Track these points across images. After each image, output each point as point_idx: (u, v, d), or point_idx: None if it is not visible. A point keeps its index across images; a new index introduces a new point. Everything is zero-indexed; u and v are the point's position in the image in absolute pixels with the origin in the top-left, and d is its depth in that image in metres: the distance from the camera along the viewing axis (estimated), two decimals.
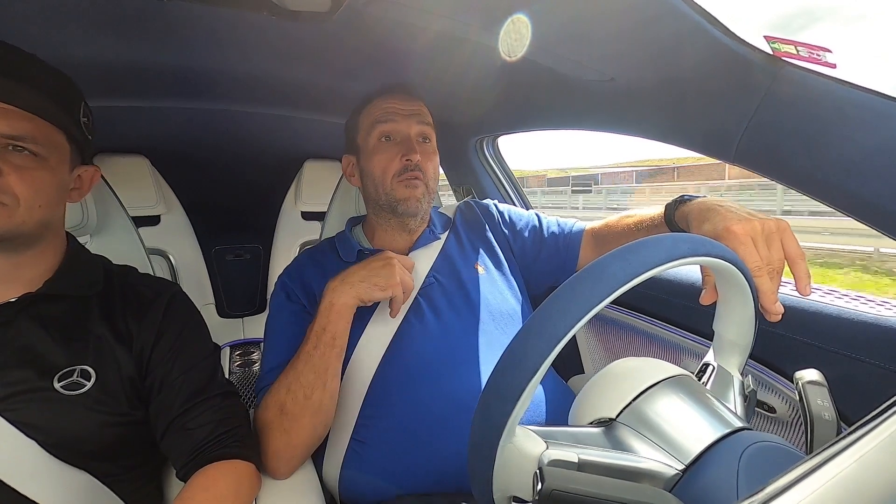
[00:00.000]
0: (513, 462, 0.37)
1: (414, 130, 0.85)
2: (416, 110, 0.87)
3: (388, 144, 0.85)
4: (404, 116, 0.85)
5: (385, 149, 0.85)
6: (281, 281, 0.86)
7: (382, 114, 0.85)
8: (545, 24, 0.67)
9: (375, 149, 0.86)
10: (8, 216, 0.57)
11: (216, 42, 0.85)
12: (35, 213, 0.59)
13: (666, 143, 0.83)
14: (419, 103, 0.88)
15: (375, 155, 0.85)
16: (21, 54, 0.60)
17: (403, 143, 0.84)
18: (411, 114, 0.86)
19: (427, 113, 0.89)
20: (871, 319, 0.63)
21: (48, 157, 0.60)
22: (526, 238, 0.94)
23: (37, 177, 0.59)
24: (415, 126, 0.85)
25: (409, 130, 0.85)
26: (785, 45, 0.59)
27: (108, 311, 0.67)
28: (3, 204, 0.56)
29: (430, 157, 0.87)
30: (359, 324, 0.79)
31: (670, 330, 0.93)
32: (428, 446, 0.70)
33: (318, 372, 0.69)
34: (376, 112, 0.86)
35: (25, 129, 0.57)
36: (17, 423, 0.57)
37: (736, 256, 0.44)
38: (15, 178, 0.56)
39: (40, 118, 0.59)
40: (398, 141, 0.85)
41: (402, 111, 0.85)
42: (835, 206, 0.60)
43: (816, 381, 0.43)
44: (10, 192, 0.57)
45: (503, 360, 0.36)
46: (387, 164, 0.84)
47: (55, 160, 0.61)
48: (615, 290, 0.35)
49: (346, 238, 0.91)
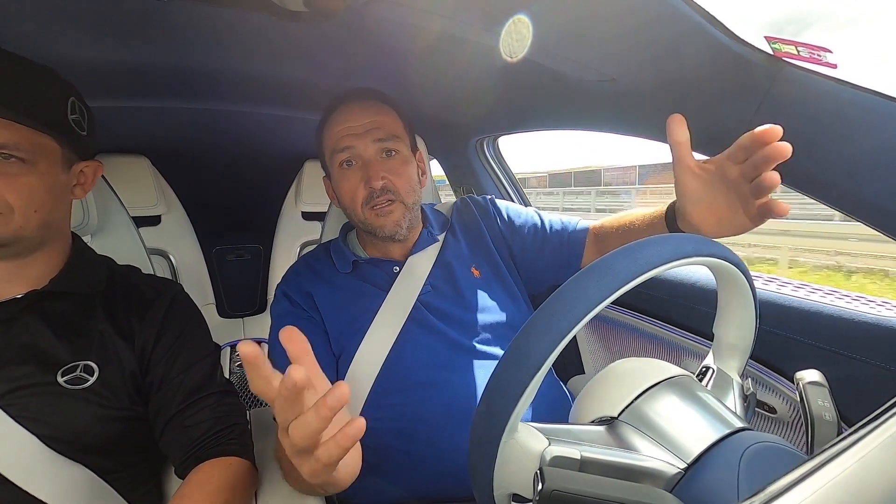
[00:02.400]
0: (514, 459, 0.37)
1: (371, 151, 0.79)
2: (372, 123, 0.79)
3: (350, 171, 0.80)
4: (359, 136, 0.78)
5: (348, 176, 0.80)
6: (280, 290, 0.85)
7: (337, 140, 0.79)
8: (546, 25, 0.67)
9: (340, 177, 0.81)
10: (4, 224, 0.57)
11: (216, 42, 0.85)
12: (31, 218, 0.59)
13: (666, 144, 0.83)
14: (377, 111, 0.81)
15: (341, 183, 0.81)
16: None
17: (364, 167, 0.79)
18: (366, 130, 0.78)
19: (389, 120, 0.81)
20: (871, 319, 0.63)
21: (36, 162, 0.59)
22: (526, 236, 0.92)
23: (26, 183, 0.58)
24: (371, 146, 0.79)
25: (366, 153, 0.79)
26: (785, 45, 0.59)
27: (112, 309, 0.68)
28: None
29: (400, 170, 0.80)
30: (359, 329, 0.79)
31: (670, 330, 0.93)
32: (427, 451, 0.70)
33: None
34: (333, 138, 0.80)
35: (6, 137, 0.56)
36: (19, 417, 0.58)
37: (738, 258, 0.44)
38: (4, 187, 0.56)
39: (21, 124, 0.57)
40: (360, 165, 0.79)
41: (356, 130, 0.78)
42: (835, 207, 0.60)
43: (817, 382, 0.43)
44: (2, 200, 0.57)
45: (508, 355, 0.36)
46: (353, 194, 0.79)
47: (44, 164, 0.60)
48: (620, 287, 0.35)
49: (340, 247, 0.88)
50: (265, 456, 0.74)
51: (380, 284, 0.83)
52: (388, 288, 0.82)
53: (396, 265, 0.85)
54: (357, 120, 0.79)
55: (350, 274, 0.85)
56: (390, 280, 0.83)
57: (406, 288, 0.82)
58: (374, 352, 0.77)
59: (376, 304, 0.80)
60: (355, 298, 0.82)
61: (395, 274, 0.84)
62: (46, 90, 0.62)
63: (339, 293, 0.83)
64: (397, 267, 0.85)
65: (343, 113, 0.81)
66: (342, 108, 0.82)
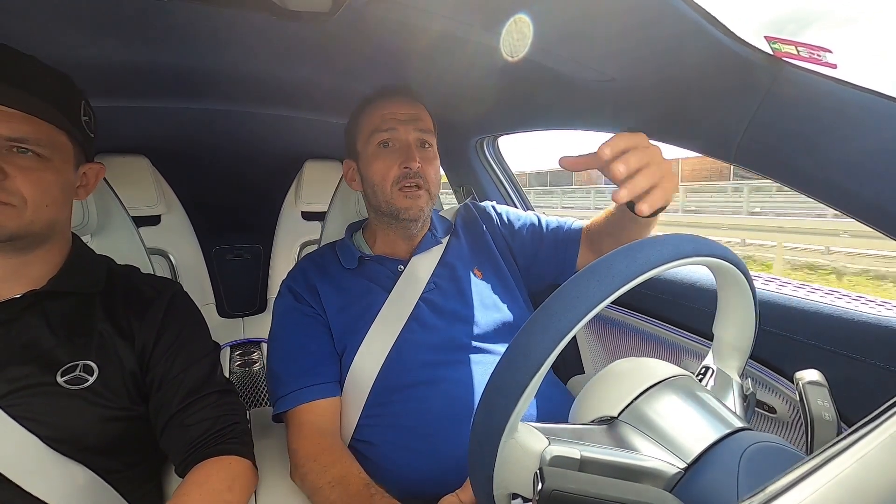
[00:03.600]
0: (514, 458, 0.37)
1: (412, 136, 0.84)
2: (415, 115, 0.85)
3: (386, 151, 0.84)
4: (402, 122, 0.83)
5: (384, 156, 0.84)
6: (286, 285, 0.87)
7: (381, 121, 0.84)
8: (546, 25, 0.67)
9: (374, 156, 0.84)
10: (17, 216, 0.58)
11: (217, 42, 0.85)
12: (43, 212, 0.61)
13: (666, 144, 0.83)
14: (418, 107, 0.87)
15: (374, 162, 0.84)
16: (20, 57, 0.61)
17: (402, 149, 0.83)
18: (410, 119, 0.84)
19: (427, 117, 0.88)
20: (871, 319, 0.63)
21: (52, 158, 0.61)
22: (525, 237, 0.94)
23: (42, 177, 0.60)
24: (413, 132, 0.84)
25: (407, 137, 0.83)
26: (785, 45, 0.59)
27: (111, 308, 0.68)
28: (11, 205, 0.58)
29: (431, 161, 0.86)
30: (361, 327, 0.79)
31: (670, 330, 0.93)
32: (429, 449, 0.70)
33: None
34: (375, 119, 0.85)
35: (27, 132, 0.58)
36: (20, 418, 0.58)
37: (737, 258, 0.44)
38: (21, 180, 0.58)
39: (41, 120, 0.59)
40: (397, 148, 0.84)
41: (400, 117, 0.84)
42: (835, 207, 0.59)
43: (816, 382, 0.43)
44: (18, 193, 0.58)
45: (508, 355, 0.36)
46: (385, 172, 0.83)
47: (59, 160, 0.62)
48: (619, 287, 0.35)
49: (347, 245, 0.90)
50: (265, 455, 0.74)
51: (383, 283, 0.84)
52: (391, 287, 0.83)
53: (401, 264, 0.87)
54: (401, 109, 0.85)
55: (355, 271, 0.86)
56: (394, 278, 0.85)
57: (409, 286, 0.83)
58: (377, 349, 0.78)
59: (379, 303, 0.81)
60: (359, 297, 0.83)
61: (398, 272, 0.85)
62: (65, 90, 0.64)
63: (343, 291, 0.84)
64: (401, 266, 0.86)
65: (386, 101, 0.86)
66: (384, 98, 0.87)
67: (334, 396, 0.77)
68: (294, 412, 0.75)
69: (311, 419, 0.74)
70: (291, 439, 0.73)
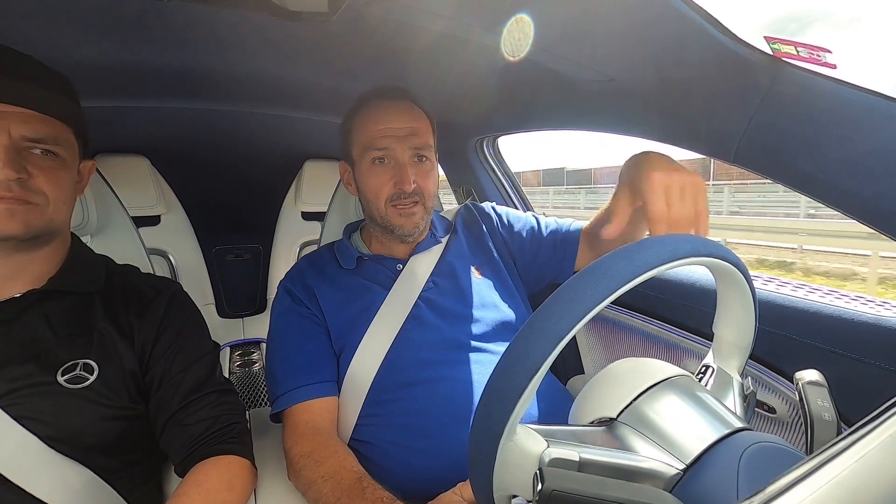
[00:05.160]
0: (513, 460, 0.37)
1: (407, 156, 0.81)
2: (412, 129, 0.81)
3: (381, 168, 0.81)
4: (398, 140, 0.80)
5: (378, 172, 0.81)
6: (283, 286, 0.86)
7: (375, 137, 0.80)
8: (546, 25, 0.67)
9: (369, 171, 0.82)
10: (41, 214, 0.60)
11: (216, 42, 0.85)
12: (61, 209, 0.63)
13: (666, 144, 0.83)
14: (416, 115, 0.83)
15: (369, 178, 0.82)
16: (26, 59, 0.61)
17: (397, 168, 0.80)
18: (406, 134, 0.80)
19: (424, 126, 0.84)
20: (871, 319, 0.63)
21: (65, 156, 0.63)
22: (524, 238, 0.95)
23: (60, 176, 0.62)
24: (408, 151, 0.81)
25: (402, 157, 0.80)
26: (785, 45, 0.59)
27: (111, 307, 0.68)
28: (35, 204, 0.60)
29: (428, 174, 0.83)
30: (360, 326, 0.79)
31: (670, 330, 0.93)
32: (427, 447, 0.70)
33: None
34: (370, 132, 0.81)
35: (45, 132, 0.60)
36: (20, 417, 0.58)
37: (737, 258, 0.44)
38: (43, 179, 0.60)
39: (56, 119, 0.61)
40: (391, 166, 0.81)
41: (396, 132, 0.80)
42: (835, 207, 0.59)
43: (816, 382, 0.43)
44: (41, 192, 0.60)
45: (505, 358, 0.36)
46: (379, 189, 0.81)
47: (70, 158, 0.64)
48: (617, 289, 0.35)
49: (345, 246, 0.90)
50: (264, 455, 0.74)
51: (382, 282, 0.84)
52: (389, 286, 0.83)
53: (400, 263, 0.87)
54: (396, 122, 0.81)
55: (353, 271, 0.86)
56: (393, 277, 0.85)
57: (408, 285, 0.83)
58: (375, 349, 0.78)
59: (378, 301, 0.81)
60: (357, 296, 0.83)
61: (397, 272, 0.85)
62: (69, 89, 0.66)
63: (341, 291, 0.84)
64: (400, 265, 0.86)
65: (381, 111, 0.82)
66: (379, 104, 0.83)
67: (331, 396, 0.77)
68: (290, 411, 0.75)
69: (306, 418, 0.74)
70: (287, 438, 0.73)
